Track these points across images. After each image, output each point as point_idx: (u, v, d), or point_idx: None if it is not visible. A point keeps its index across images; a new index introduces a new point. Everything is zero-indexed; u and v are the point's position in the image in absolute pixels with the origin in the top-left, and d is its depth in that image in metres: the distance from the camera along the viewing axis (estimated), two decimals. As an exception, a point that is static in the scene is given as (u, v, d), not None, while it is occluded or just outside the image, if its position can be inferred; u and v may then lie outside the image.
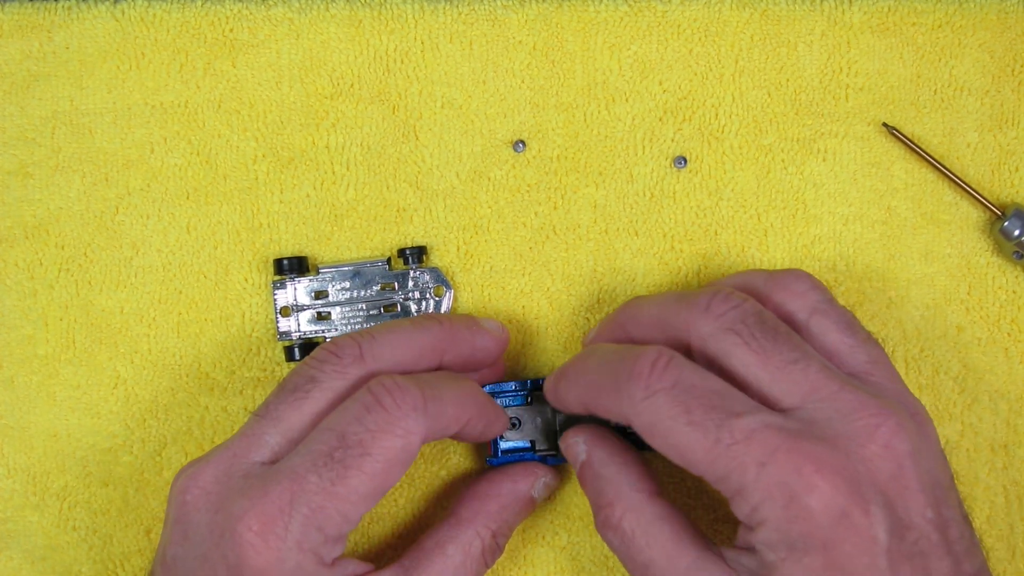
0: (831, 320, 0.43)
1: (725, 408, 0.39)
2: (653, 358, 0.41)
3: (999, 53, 0.51)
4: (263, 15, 0.51)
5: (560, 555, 0.50)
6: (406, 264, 0.50)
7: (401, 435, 0.41)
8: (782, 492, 0.38)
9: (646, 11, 0.51)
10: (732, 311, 0.42)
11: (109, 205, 0.51)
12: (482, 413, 0.45)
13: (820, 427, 0.39)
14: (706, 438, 0.39)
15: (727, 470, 0.39)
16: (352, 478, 0.41)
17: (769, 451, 0.38)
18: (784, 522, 0.38)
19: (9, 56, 0.51)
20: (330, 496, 0.40)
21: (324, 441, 0.41)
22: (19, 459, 0.50)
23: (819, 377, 0.40)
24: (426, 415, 0.42)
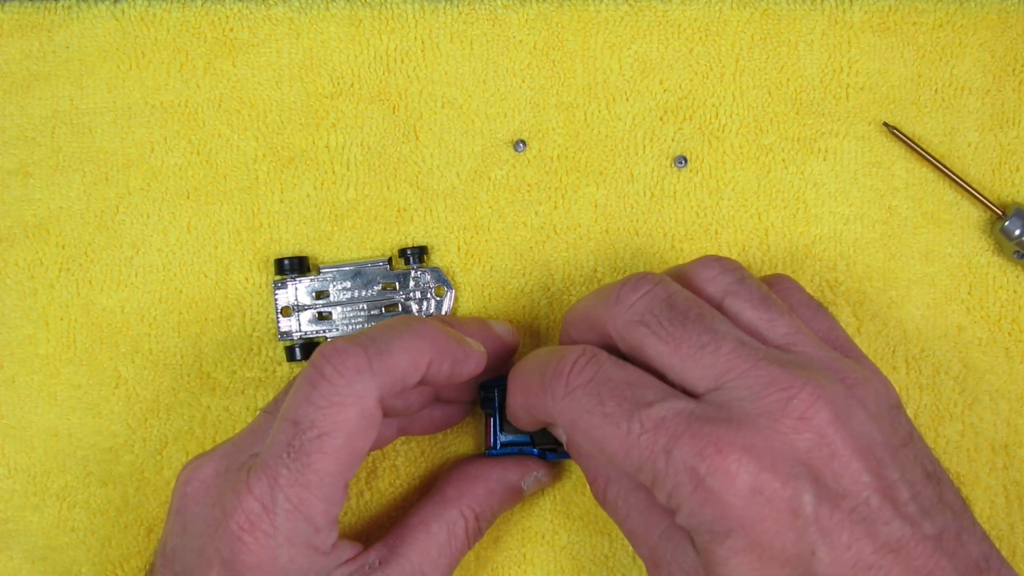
0: (743, 299, 0.42)
1: (636, 398, 0.39)
2: (575, 356, 0.41)
3: (1000, 52, 0.51)
4: (263, 14, 0.51)
5: (560, 555, 0.50)
6: (407, 264, 0.50)
7: (352, 403, 0.40)
8: (689, 477, 0.38)
9: (646, 10, 0.51)
10: (640, 300, 0.41)
11: (109, 205, 0.51)
12: (443, 352, 0.43)
13: (731, 408, 0.38)
14: (619, 429, 0.39)
15: (640, 460, 0.39)
16: (318, 462, 0.40)
17: (675, 437, 0.38)
18: (696, 506, 0.38)
19: (9, 56, 0.51)
20: (305, 486, 0.40)
21: (282, 431, 0.41)
22: (20, 459, 0.50)
23: (731, 357, 0.39)
24: (374, 374, 0.41)
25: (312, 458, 0.40)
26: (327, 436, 0.40)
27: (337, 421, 0.40)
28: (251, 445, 0.43)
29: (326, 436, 0.40)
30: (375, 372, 0.41)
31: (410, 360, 0.42)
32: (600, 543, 0.50)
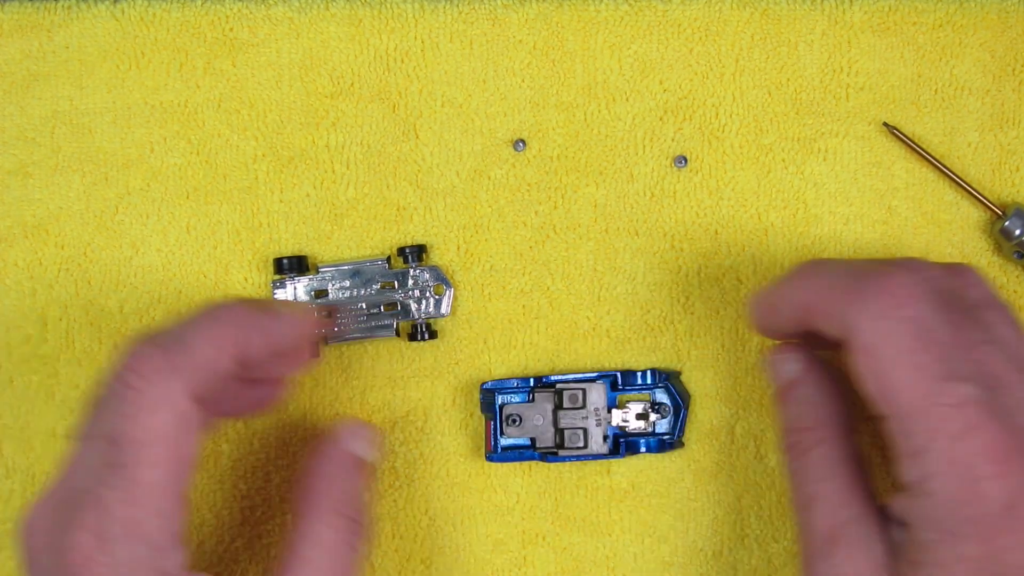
0: (997, 313, 0.41)
1: (952, 367, 0.38)
2: (906, 280, 0.39)
3: (1000, 52, 0.51)
4: (263, 14, 0.51)
5: (560, 555, 0.50)
6: (406, 263, 0.50)
7: (163, 407, 0.38)
8: (963, 471, 0.37)
9: (646, 10, 0.51)
10: (933, 277, 0.40)
11: (109, 205, 0.51)
12: (249, 327, 0.41)
13: (1012, 414, 0.38)
14: (922, 384, 0.38)
15: (922, 426, 0.37)
16: (143, 476, 0.37)
17: (969, 428, 0.37)
18: (953, 502, 0.37)
19: (9, 56, 0.51)
20: (133, 504, 0.37)
21: (97, 452, 0.38)
22: (19, 459, 0.50)
23: (1004, 364, 0.39)
24: (175, 369, 0.38)
25: (136, 472, 0.37)
26: (145, 447, 0.37)
27: (152, 428, 0.38)
28: (79, 478, 0.39)
29: (144, 447, 0.37)
30: (176, 368, 0.38)
31: (214, 348, 0.40)
32: (601, 545, 0.50)
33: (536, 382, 0.49)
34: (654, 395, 0.50)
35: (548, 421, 0.49)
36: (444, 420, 0.51)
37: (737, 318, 0.51)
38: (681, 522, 0.50)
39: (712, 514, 0.50)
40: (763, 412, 0.50)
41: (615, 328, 0.51)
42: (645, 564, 0.50)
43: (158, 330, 0.40)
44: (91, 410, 0.40)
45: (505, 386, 0.49)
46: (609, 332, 0.51)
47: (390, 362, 0.51)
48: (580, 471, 0.50)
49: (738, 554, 0.50)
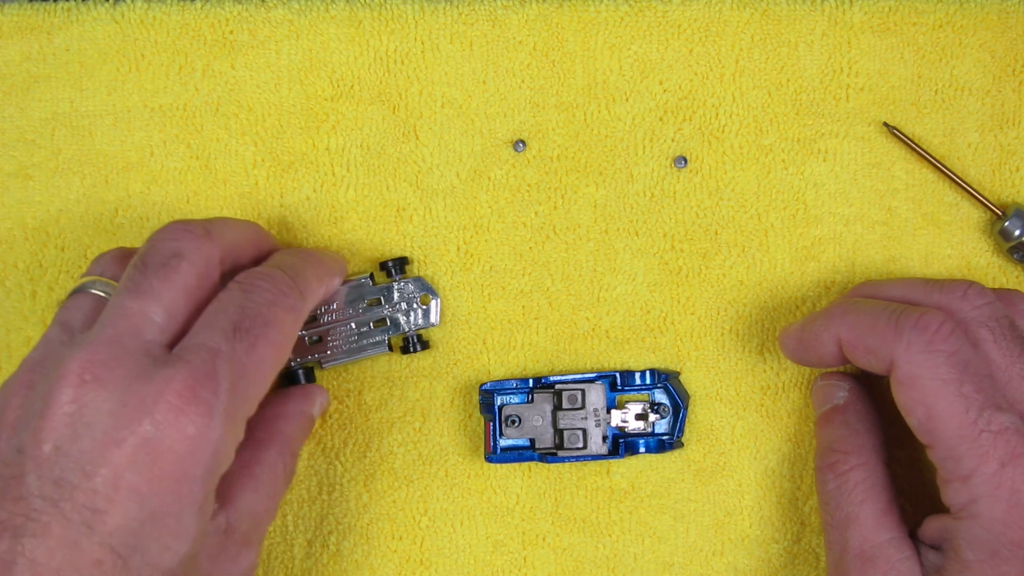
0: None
1: (992, 396, 0.41)
2: (941, 319, 0.42)
3: (1000, 53, 0.51)
4: (263, 16, 0.51)
5: (560, 556, 0.50)
6: (389, 277, 0.50)
7: (290, 308, 0.43)
8: (1010, 496, 0.39)
9: (646, 11, 0.51)
10: (987, 306, 0.43)
11: (108, 208, 0.51)
12: (329, 267, 0.48)
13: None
14: (967, 413, 0.40)
15: (968, 452, 0.40)
16: (261, 347, 0.41)
17: (1014, 454, 0.40)
18: (999, 524, 0.39)
19: (9, 58, 0.51)
20: (244, 366, 0.40)
21: (227, 314, 0.41)
22: (21, 460, 0.50)
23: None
24: (299, 291, 0.43)
25: (258, 341, 0.41)
26: (272, 327, 0.42)
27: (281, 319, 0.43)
28: (139, 331, 0.40)
29: (271, 327, 0.42)
30: (301, 290, 0.44)
31: (317, 280, 0.46)
32: (601, 545, 0.50)
33: (535, 383, 0.49)
34: (653, 395, 0.50)
35: (547, 422, 0.49)
36: (443, 421, 0.51)
37: (737, 318, 0.51)
38: (681, 522, 0.50)
39: (712, 514, 0.50)
40: (763, 412, 0.51)
41: (615, 328, 0.51)
42: (645, 564, 0.50)
43: (275, 260, 0.45)
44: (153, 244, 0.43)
45: (504, 387, 0.49)
46: (609, 332, 0.51)
47: (388, 363, 0.51)
48: (579, 471, 0.50)
49: (738, 554, 0.50)
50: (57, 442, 0.38)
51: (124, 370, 0.39)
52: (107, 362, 0.39)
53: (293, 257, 0.46)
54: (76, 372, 0.39)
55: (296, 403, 0.48)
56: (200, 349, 0.40)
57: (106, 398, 0.38)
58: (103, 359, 0.39)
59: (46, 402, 0.39)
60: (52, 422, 0.38)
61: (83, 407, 0.38)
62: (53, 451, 0.38)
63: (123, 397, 0.38)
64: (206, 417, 0.39)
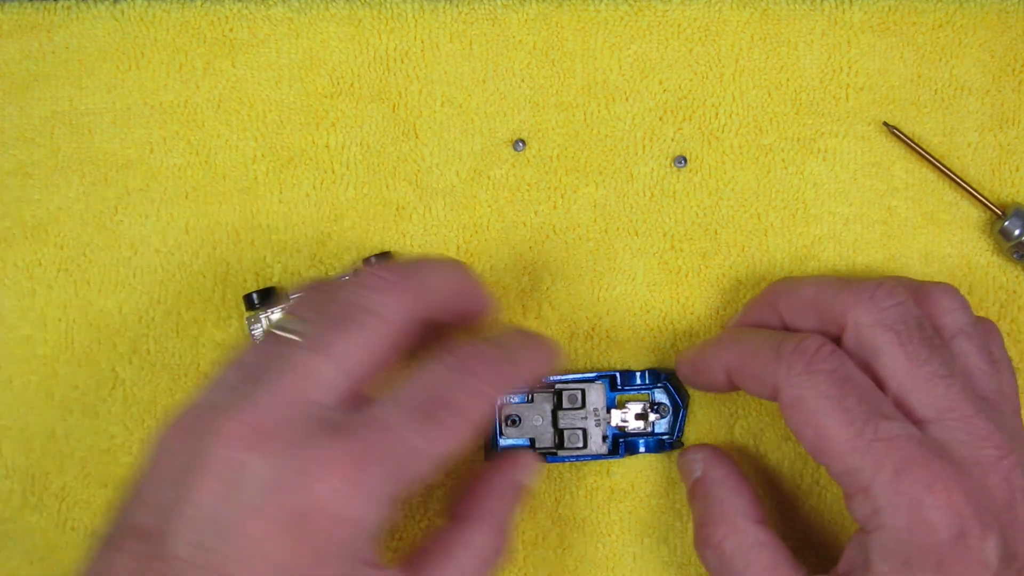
0: (974, 344, 0.44)
1: (876, 406, 0.40)
2: (819, 342, 0.42)
3: (1000, 52, 0.51)
4: (263, 14, 0.51)
5: (560, 556, 0.50)
6: None
7: (487, 400, 0.40)
8: (910, 503, 0.39)
9: (646, 10, 0.51)
10: (895, 307, 0.42)
11: (108, 205, 0.51)
12: (546, 361, 0.45)
13: (950, 448, 0.40)
14: (852, 426, 0.40)
15: (862, 465, 0.40)
16: (442, 436, 0.38)
17: (908, 460, 0.39)
18: (905, 532, 0.39)
19: (9, 56, 0.51)
20: (415, 450, 0.38)
21: (416, 396, 0.39)
22: (18, 459, 0.50)
23: (959, 397, 0.41)
24: (505, 382, 0.41)
25: (440, 429, 0.38)
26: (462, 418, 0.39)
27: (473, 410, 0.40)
28: (307, 391, 0.38)
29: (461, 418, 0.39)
30: (507, 380, 0.41)
31: (529, 372, 0.43)
32: (599, 545, 0.50)
33: (535, 383, 0.49)
34: (653, 395, 0.50)
35: (547, 421, 0.49)
36: (444, 420, 0.51)
37: (737, 318, 0.51)
38: (681, 522, 0.50)
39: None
40: (762, 412, 0.50)
41: (615, 328, 0.51)
42: (645, 564, 0.50)
43: (494, 339, 0.42)
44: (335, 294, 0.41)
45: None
46: (608, 332, 0.51)
47: (390, 362, 0.51)
48: (579, 471, 0.50)
49: (738, 554, 0.50)
50: (204, 503, 0.37)
51: (284, 437, 0.37)
52: (267, 427, 0.37)
53: (520, 340, 0.43)
54: (234, 433, 0.37)
55: (505, 475, 0.45)
56: (376, 427, 0.38)
57: (261, 464, 0.37)
58: (264, 422, 0.37)
59: (200, 458, 0.37)
60: (203, 481, 0.37)
61: (236, 471, 0.37)
62: (199, 513, 0.36)
63: (279, 465, 0.37)
64: (356, 499, 0.37)
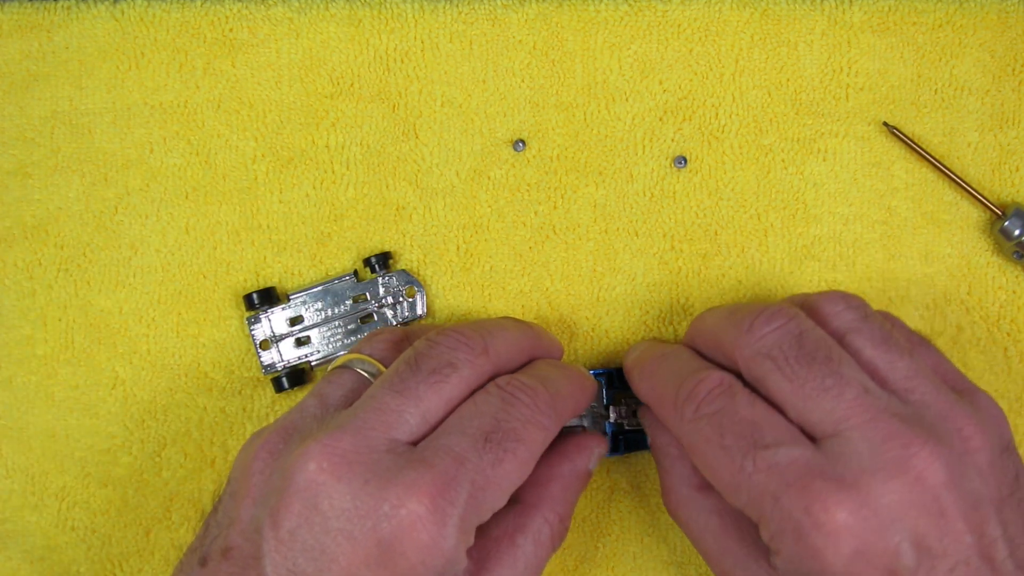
0: (865, 337, 0.43)
1: (756, 438, 0.40)
2: (712, 385, 0.42)
3: (1000, 53, 0.51)
4: (263, 14, 0.51)
5: (560, 555, 0.50)
6: (373, 272, 0.50)
7: (543, 429, 0.42)
8: (793, 528, 0.38)
9: (646, 10, 0.51)
10: (771, 334, 0.42)
11: (108, 205, 0.51)
12: (587, 393, 0.46)
13: (848, 460, 0.39)
14: (732, 463, 0.40)
15: (748, 498, 0.39)
16: (507, 462, 0.40)
17: (784, 485, 0.38)
18: (796, 558, 0.39)
19: (9, 56, 0.51)
20: (488, 478, 0.39)
21: (479, 426, 0.40)
22: (18, 459, 0.50)
23: (852, 405, 0.40)
24: (556, 413, 0.42)
25: (506, 456, 0.40)
26: (522, 444, 0.41)
27: (532, 437, 0.41)
28: (389, 427, 0.41)
29: (521, 443, 0.41)
30: (557, 412, 0.42)
31: (574, 407, 0.44)
32: (599, 545, 0.50)
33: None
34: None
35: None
36: (444, 420, 0.51)
37: (737, 318, 0.51)
38: (681, 522, 0.50)
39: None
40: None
41: (615, 328, 0.51)
42: (645, 564, 0.50)
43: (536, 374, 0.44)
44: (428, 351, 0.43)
45: None
46: (609, 332, 0.51)
47: (390, 362, 0.51)
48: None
49: (738, 555, 0.50)
50: (293, 527, 0.39)
51: (363, 466, 0.39)
52: (348, 454, 0.39)
53: (556, 372, 0.45)
54: (316, 457, 0.39)
55: (570, 461, 0.46)
56: (447, 454, 0.39)
57: (342, 491, 0.39)
58: (345, 451, 0.39)
59: (286, 481, 0.39)
60: (290, 505, 0.39)
61: (319, 496, 0.39)
62: (289, 536, 0.39)
63: (359, 493, 0.38)
64: (441, 526, 0.38)
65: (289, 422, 0.43)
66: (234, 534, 0.40)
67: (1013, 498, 0.40)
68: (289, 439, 0.42)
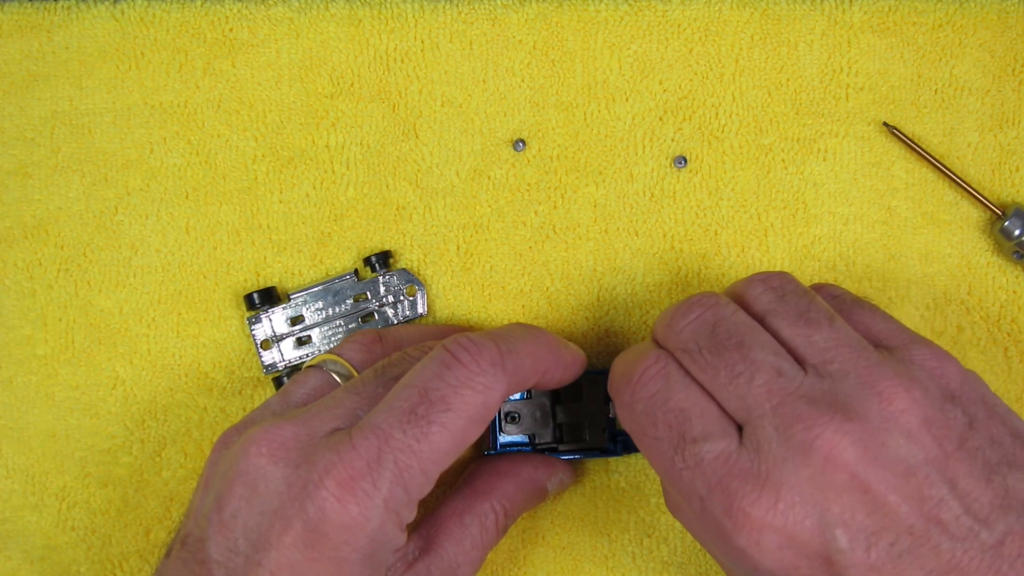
0: (781, 317, 0.41)
1: (683, 430, 0.39)
2: (648, 364, 0.41)
3: (1000, 53, 0.51)
4: (263, 14, 0.51)
5: (560, 555, 0.50)
6: (373, 271, 0.50)
7: (481, 390, 0.41)
8: (718, 531, 0.38)
9: (646, 10, 0.51)
10: (688, 326, 0.41)
11: (108, 205, 0.51)
12: (559, 360, 0.45)
13: (763, 451, 0.38)
14: (663, 457, 0.40)
15: (682, 493, 0.39)
16: (435, 434, 0.40)
17: (708, 486, 0.38)
18: (732, 558, 0.39)
19: (9, 56, 0.51)
20: (414, 453, 0.39)
21: (406, 398, 0.40)
22: (18, 459, 0.50)
23: (761, 391, 0.39)
24: (504, 371, 0.41)
25: (432, 428, 0.40)
26: (452, 412, 0.40)
27: (466, 403, 0.40)
28: (331, 419, 0.41)
29: (450, 412, 0.40)
30: (506, 371, 0.41)
31: (532, 366, 0.43)
32: (600, 544, 0.50)
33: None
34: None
35: (547, 416, 0.49)
36: (444, 420, 0.51)
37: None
38: (681, 522, 0.50)
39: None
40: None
41: (615, 328, 0.51)
42: (645, 564, 0.50)
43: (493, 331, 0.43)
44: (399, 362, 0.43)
45: None
46: (609, 332, 0.51)
47: (390, 362, 0.51)
48: (580, 470, 0.50)
49: (738, 554, 0.50)
50: (235, 509, 0.40)
51: (299, 451, 0.40)
52: (287, 441, 0.40)
53: (519, 331, 0.44)
54: (258, 442, 0.40)
55: (530, 469, 0.47)
56: (371, 433, 0.40)
57: (277, 475, 0.40)
58: (285, 437, 0.40)
59: (231, 467, 0.41)
60: (233, 488, 0.40)
61: (257, 479, 0.40)
62: (231, 518, 0.40)
63: (290, 477, 0.40)
64: (363, 507, 0.39)
65: (250, 418, 0.44)
66: (189, 522, 0.42)
67: (963, 450, 0.38)
68: (244, 430, 0.42)
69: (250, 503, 0.40)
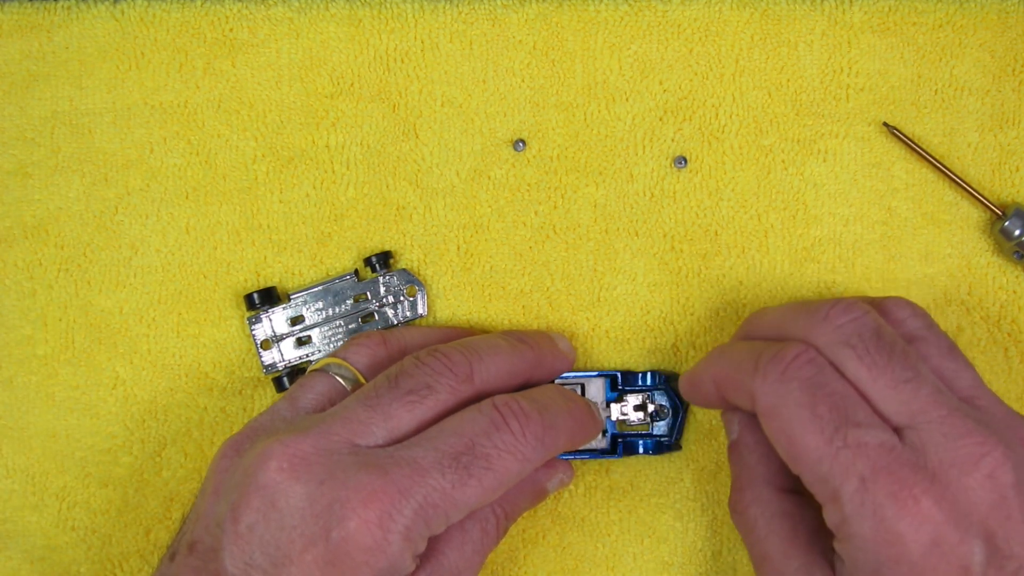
0: (933, 345, 0.43)
1: (848, 414, 0.40)
2: (798, 350, 0.42)
3: (1000, 53, 0.51)
4: (263, 14, 0.51)
5: (560, 555, 0.50)
6: (374, 272, 0.50)
7: (521, 460, 0.42)
8: (875, 513, 0.39)
9: (646, 11, 0.51)
10: (850, 323, 0.42)
11: (108, 205, 0.51)
12: (587, 435, 0.46)
13: (927, 453, 0.39)
14: (822, 434, 0.40)
15: (830, 473, 0.39)
16: (471, 487, 0.41)
17: (874, 469, 0.39)
18: (871, 543, 0.39)
19: (9, 56, 0.51)
20: (446, 497, 0.40)
21: (452, 444, 0.41)
22: (18, 459, 0.50)
23: (929, 400, 0.40)
24: (543, 446, 0.43)
25: (471, 481, 0.41)
26: (491, 472, 0.41)
27: (505, 467, 0.42)
28: (354, 435, 0.42)
29: (490, 471, 0.41)
30: (544, 446, 0.43)
31: (566, 441, 0.45)
32: (599, 545, 0.50)
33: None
34: (653, 396, 0.50)
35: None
36: (444, 420, 0.51)
37: (737, 319, 0.51)
38: (680, 522, 0.50)
39: (712, 514, 0.50)
40: (763, 412, 0.50)
41: (615, 329, 0.51)
42: (644, 564, 0.50)
43: (537, 400, 0.44)
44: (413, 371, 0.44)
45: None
46: (609, 333, 0.51)
47: (390, 362, 0.51)
48: (579, 470, 0.50)
49: (738, 554, 0.50)
50: (252, 522, 0.40)
51: (321, 467, 0.40)
52: (307, 456, 0.40)
53: (560, 403, 0.45)
54: (277, 457, 0.40)
55: (535, 472, 0.47)
56: (407, 465, 0.40)
57: (299, 491, 0.40)
58: (305, 452, 0.41)
59: (247, 478, 0.41)
60: (250, 502, 0.40)
61: (277, 494, 0.40)
62: (247, 531, 0.40)
63: (314, 494, 0.40)
64: (386, 532, 0.39)
65: (259, 424, 0.44)
66: (199, 528, 0.42)
67: None
68: (256, 439, 0.43)
69: (268, 517, 0.40)
